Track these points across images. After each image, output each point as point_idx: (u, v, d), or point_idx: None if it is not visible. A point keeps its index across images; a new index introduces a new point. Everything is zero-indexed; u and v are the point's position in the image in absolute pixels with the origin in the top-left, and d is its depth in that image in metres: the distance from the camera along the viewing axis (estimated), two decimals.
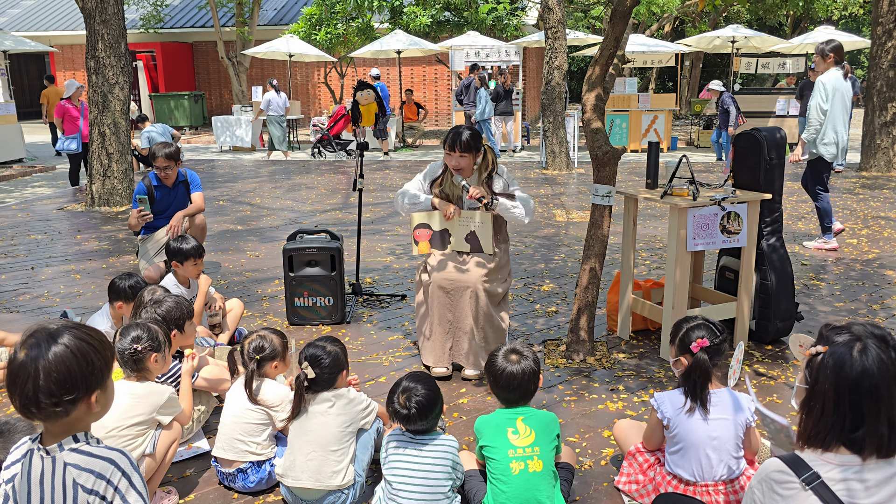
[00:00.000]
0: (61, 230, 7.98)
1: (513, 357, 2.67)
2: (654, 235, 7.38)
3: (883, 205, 8.94)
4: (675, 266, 3.93)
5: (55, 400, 1.59)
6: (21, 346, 1.61)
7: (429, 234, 4.01)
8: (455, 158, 3.84)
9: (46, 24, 24.30)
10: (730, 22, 26.33)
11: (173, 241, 4.27)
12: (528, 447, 2.55)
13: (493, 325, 3.92)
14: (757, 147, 4.17)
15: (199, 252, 4.26)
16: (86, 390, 1.63)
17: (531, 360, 2.68)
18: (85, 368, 1.61)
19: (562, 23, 11.76)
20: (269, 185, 11.12)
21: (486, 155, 3.96)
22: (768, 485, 1.82)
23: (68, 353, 1.60)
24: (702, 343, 2.63)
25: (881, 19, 11.40)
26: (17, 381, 1.59)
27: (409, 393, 2.59)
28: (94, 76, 9.14)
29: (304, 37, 18.03)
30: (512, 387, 2.65)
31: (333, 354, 2.78)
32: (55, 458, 1.65)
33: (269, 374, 3.01)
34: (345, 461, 2.72)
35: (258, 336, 3.01)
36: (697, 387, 2.62)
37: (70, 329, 1.64)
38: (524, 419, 2.61)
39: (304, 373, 2.73)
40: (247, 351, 2.97)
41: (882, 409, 1.76)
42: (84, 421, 1.69)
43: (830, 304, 5.13)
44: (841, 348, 1.80)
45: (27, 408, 1.60)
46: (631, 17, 5.49)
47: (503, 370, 2.65)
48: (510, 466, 2.53)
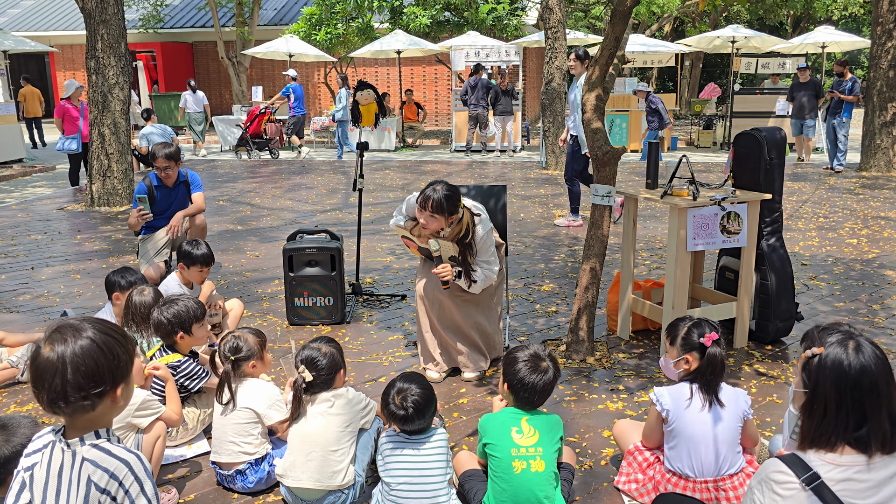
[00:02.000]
0: (61, 230, 7.98)
1: (542, 364, 2.61)
2: (654, 235, 7.38)
3: (883, 205, 8.94)
4: (675, 266, 3.93)
5: (83, 394, 1.59)
6: (45, 342, 1.61)
7: (415, 245, 3.92)
8: (425, 216, 3.51)
9: (46, 24, 24.30)
10: (730, 22, 26.34)
11: (186, 243, 4.28)
12: (532, 447, 2.55)
13: (489, 323, 3.95)
14: (757, 147, 4.17)
15: (208, 261, 4.28)
16: (112, 383, 1.64)
17: (553, 370, 2.63)
18: (112, 361, 1.63)
19: (562, 23, 11.76)
20: (269, 185, 11.12)
21: (462, 218, 3.57)
22: (768, 485, 1.82)
23: (94, 347, 1.60)
24: (712, 336, 2.63)
25: (881, 19, 11.40)
26: (44, 377, 1.59)
27: (404, 393, 2.59)
28: (94, 76, 9.14)
29: (304, 37, 18.03)
30: (532, 392, 2.60)
31: (329, 355, 2.77)
32: (75, 451, 1.66)
33: (250, 374, 3.01)
34: (345, 461, 2.72)
35: (233, 336, 3.00)
36: (712, 382, 2.62)
37: (93, 323, 1.65)
38: (528, 419, 2.61)
39: (301, 376, 2.72)
40: (222, 352, 2.96)
41: (883, 405, 1.77)
42: (107, 416, 1.70)
43: (830, 304, 5.13)
44: (836, 348, 1.81)
45: (55, 403, 1.60)
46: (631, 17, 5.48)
47: (525, 379, 2.58)
48: (512, 465, 2.52)
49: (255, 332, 3.06)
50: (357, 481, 2.75)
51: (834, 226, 7.75)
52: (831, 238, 7.17)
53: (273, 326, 4.81)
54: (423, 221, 3.55)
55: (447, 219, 3.54)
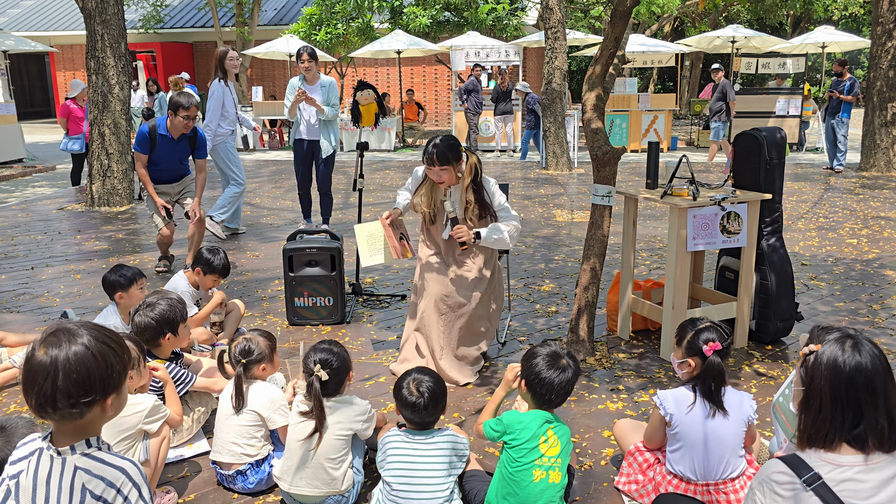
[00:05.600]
0: (61, 230, 7.98)
1: (560, 362, 2.57)
2: (654, 235, 7.37)
3: (883, 205, 8.94)
4: (675, 266, 3.93)
5: (72, 401, 1.56)
6: (40, 344, 1.58)
7: (392, 242, 3.97)
8: (435, 173, 3.71)
9: (46, 24, 24.29)
10: (730, 22, 26.33)
11: (207, 250, 4.25)
12: (554, 458, 2.52)
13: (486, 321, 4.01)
14: (757, 147, 4.17)
15: (226, 272, 4.28)
16: (103, 393, 1.60)
17: (572, 368, 2.59)
18: (104, 371, 1.59)
19: (562, 23, 11.76)
20: (269, 185, 11.12)
21: (468, 160, 3.80)
22: (769, 486, 1.82)
23: (88, 354, 1.57)
24: (714, 347, 2.61)
25: (881, 19, 11.40)
26: (34, 381, 1.56)
27: (419, 381, 2.59)
28: (94, 76, 9.15)
29: (304, 37, 18.02)
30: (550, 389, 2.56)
31: (341, 357, 2.74)
32: (66, 459, 1.62)
33: (258, 377, 2.99)
34: (343, 467, 2.70)
35: (244, 339, 2.97)
36: (714, 391, 2.61)
37: (90, 329, 1.61)
38: (554, 428, 2.56)
39: (317, 376, 2.66)
40: (233, 354, 2.93)
41: (879, 403, 1.77)
42: (96, 424, 1.67)
43: (830, 304, 5.13)
44: (833, 346, 1.82)
45: (43, 408, 1.57)
46: (631, 17, 5.50)
47: (542, 375, 2.55)
48: (533, 473, 2.49)
49: (265, 335, 3.03)
50: (356, 480, 2.75)
51: (834, 226, 7.75)
52: (831, 238, 7.17)
53: (273, 326, 4.80)
54: (436, 179, 3.75)
55: (456, 167, 3.73)
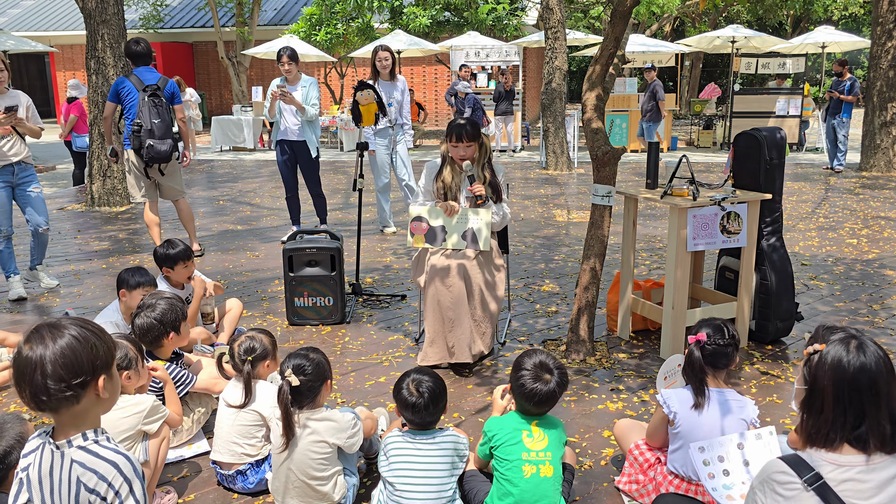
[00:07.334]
0: (61, 230, 7.98)
1: (545, 376, 2.54)
2: (654, 235, 7.37)
3: (883, 205, 8.94)
4: (675, 266, 3.93)
5: (64, 385, 1.62)
6: (25, 342, 1.66)
7: (424, 228, 4.14)
8: (462, 149, 4.12)
9: (46, 24, 24.29)
10: (730, 22, 26.33)
11: (159, 247, 4.17)
12: (542, 451, 2.53)
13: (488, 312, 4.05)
14: (757, 147, 4.17)
15: (188, 254, 4.16)
16: (92, 373, 1.67)
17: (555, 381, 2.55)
18: (90, 352, 1.67)
19: (562, 23, 11.76)
20: (269, 185, 11.12)
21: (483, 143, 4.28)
22: (770, 485, 1.82)
23: (72, 341, 1.65)
24: (699, 337, 2.62)
25: (881, 19, 11.40)
26: (25, 373, 1.63)
27: (419, 381, 2.59)
28: (95, 76, 9.14)
29: (304, 37, 18.02)
30: (530, 400, 2.55)
31: (318, 363, 2.63)
32: (63, 452, 1.69)
33: (261, 375, 2.99)
34: (330, 483, 2.65)
35: (247, 337, 2.96)
36: (697, 382, 2.62)
37: (71, 320, 1.71)
38: (538, 423, 2.58)
39: (287, 380, 2.53)
40: (237, 353, 2.93)
41: (882, 404, 1.77)
42: (93, 411, 1.72)
43: (830, 304, 5.13)
44: (838, 346, 1.82)
45: (37, 397, 1.63)
46: (631, 17, 5.49)
47: (526, 387, 2.54)
48: (522, 469, 2.50)
49: (265, 332, 3.03)
50: (350, 483, 2.74)
51: (834, 226, 7.75)
52: (831, 238, 7.17)
53: (273, 326, 4.80)
54: (460, 154, 4.15)
55: (478, 144, 4.19)
